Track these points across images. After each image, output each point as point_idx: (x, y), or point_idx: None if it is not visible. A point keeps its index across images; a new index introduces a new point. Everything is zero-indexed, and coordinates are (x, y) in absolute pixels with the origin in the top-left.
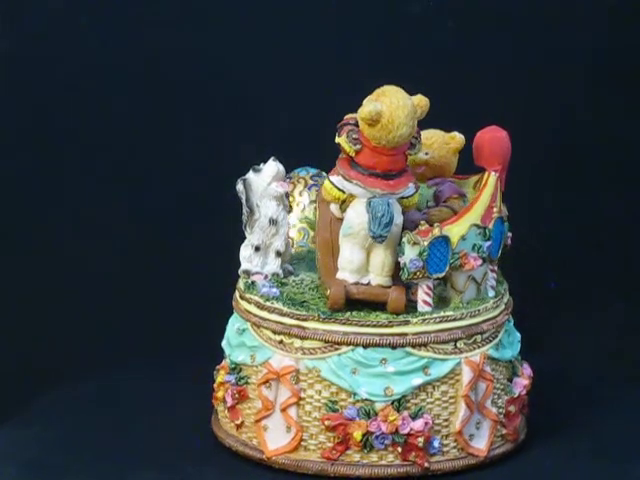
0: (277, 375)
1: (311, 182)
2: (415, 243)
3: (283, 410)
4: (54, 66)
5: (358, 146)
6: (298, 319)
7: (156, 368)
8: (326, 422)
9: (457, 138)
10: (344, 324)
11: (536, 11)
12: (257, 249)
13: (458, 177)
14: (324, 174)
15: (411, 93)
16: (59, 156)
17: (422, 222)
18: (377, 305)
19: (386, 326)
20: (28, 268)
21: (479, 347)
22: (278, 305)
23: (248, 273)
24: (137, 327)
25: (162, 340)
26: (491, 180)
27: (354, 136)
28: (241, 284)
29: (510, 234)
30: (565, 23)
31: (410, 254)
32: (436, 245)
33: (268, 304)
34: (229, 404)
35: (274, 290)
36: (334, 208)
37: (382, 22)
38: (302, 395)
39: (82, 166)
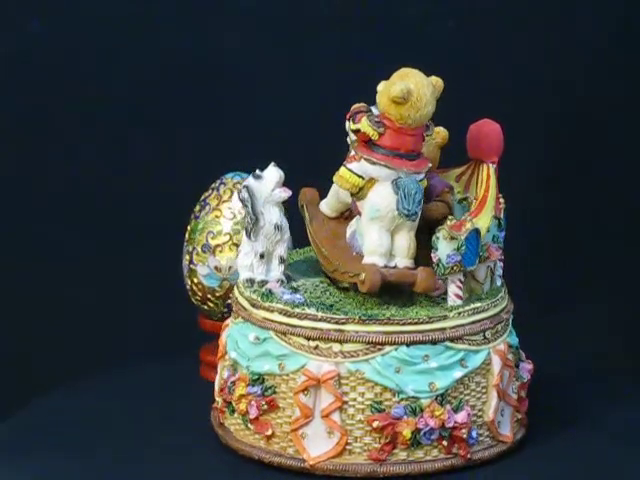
0: (318, 381)
1: None
2: (453, 238)
3: (326, 416)
4: (53, 67)
5: (382, 129)
6: (337, 323)
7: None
8: (374, 423)
9: (442, 133)
10: (385, 324)
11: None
12: (262, 256)
13: (438, 170)
14: None
15: None
16: (54, 156)
17: (450, 217)
18: (405, 286)
19: (427, 322)
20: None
21: (500, 335)
22: (311, 311)
23: (252, 281)
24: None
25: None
26: (492, 172)
27: (376, 119)
28: (249, 293)
29: None
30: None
31: (446, 249)
32: (469, 239)
33: (297, 311)
34: (253, 416)
35: (298, 296)
36: (325, 207)
37: (381, 22)
38: (345, 399)
39: (79, 165)
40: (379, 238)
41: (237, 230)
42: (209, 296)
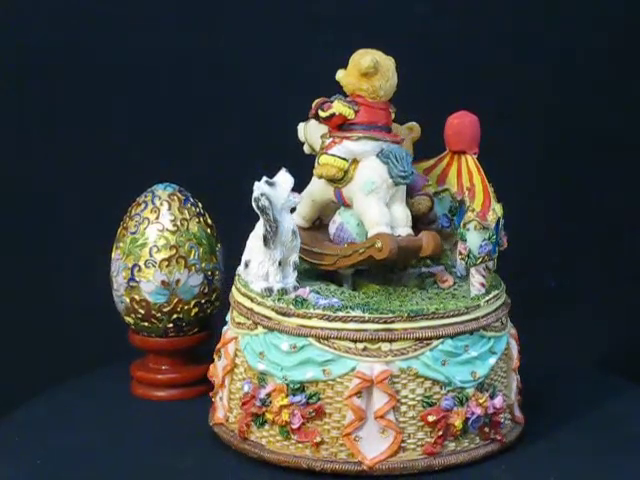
0: (371, 382)
1: (183, 197)
2: (484, 228)
3: (380, 416)
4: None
5: (356, 107)
6: (385, 322)
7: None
8: (429, 417)
9: (416, 128)
10: (431, 319)
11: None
12: (279, 264)
13: None
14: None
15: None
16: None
17: (471, 208)
18: (412, 253)
19: (465, 313)
20: None
21: (509, 320)
22: (357, 313)
23: (270, 290)
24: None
25: None
26: (476, 162)
27: (347, 100)
28: (272, 302)
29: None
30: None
31: (477, 239)
32: (495, 228)
33: (341, 314)
34: (296, 425)
35: (335, 300)
36: (298, 218)
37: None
38: (397, 397)
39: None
40: (380, 209)
41: (182, 242)
42: (154, 312)
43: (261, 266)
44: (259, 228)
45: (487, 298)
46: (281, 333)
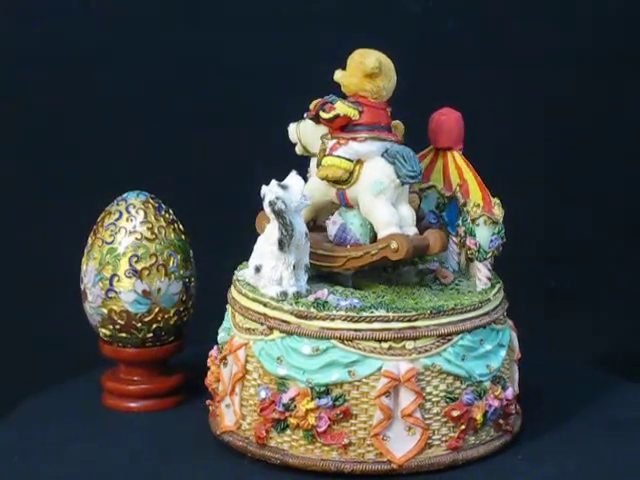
0: (399, 381)
1: (156, 204)
2: (494, 222)
3: (408, 414)
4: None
5: (360, 107)
6: (409, 320)
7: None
8: (453, 413)
9: (400, 127)
10: (451, 315)
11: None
12: (294, 267)
13: None
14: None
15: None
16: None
17: (475, 202)
18: (420, 253)
19: (479, 308)
20: None
21: (507, 313)
22: (381, 312)
23: (285, 294)
24: None
25: None
26: (464, 158)
27: (350, 101)
28: (290, 306)
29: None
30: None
31: (487, 234)
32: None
33: (365, 314)
34: (323, 428)
35: (355, 301)
36: None
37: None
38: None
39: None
40: (389, 210)
41: (161, 250)
42: (134, 322)
43: (274, 270)
44: (271, 232)
45: (494, 292)
46: (301, 336)
